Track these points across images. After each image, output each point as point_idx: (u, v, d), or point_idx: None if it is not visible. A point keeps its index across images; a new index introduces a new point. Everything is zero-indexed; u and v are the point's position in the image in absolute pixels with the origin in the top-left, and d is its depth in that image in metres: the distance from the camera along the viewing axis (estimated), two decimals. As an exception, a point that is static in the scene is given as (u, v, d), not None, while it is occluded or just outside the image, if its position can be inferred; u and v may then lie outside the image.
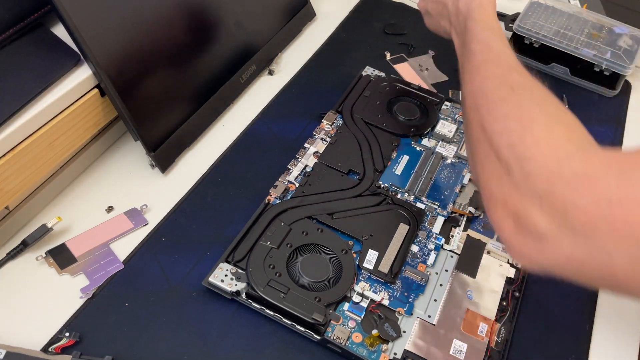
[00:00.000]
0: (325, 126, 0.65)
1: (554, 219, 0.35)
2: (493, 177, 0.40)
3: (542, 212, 0.36)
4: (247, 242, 0.52)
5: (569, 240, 0.35)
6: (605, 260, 0.34)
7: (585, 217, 0.34)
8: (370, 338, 0.48)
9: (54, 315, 0.48)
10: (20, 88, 0.49)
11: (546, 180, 0.36)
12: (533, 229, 0.36)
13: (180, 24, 0.61)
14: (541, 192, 0.36)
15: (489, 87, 0.45)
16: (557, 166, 0.36)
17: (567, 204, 0.34)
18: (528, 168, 0.37)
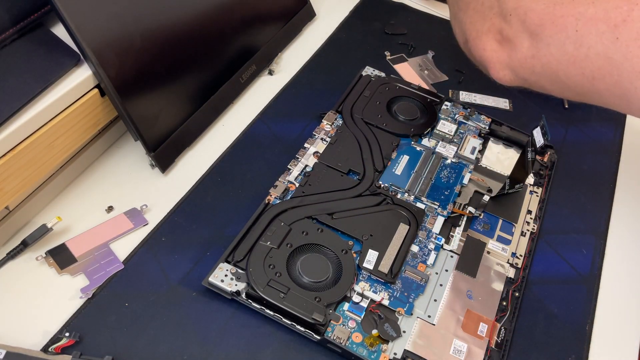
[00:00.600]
0: (325, 126, 0.65)
1: (519, 26, 0.47)
2: (479, 18, 0.51)
3: (511, 24, 0.48)
4: (247, 242, 0.52)
5: (527, 42, 0.47)
6: (547, 54, 0.46)
7: (537, 18, 0.46)
8: (370, 338, 0.48)
9: (54, 315, 0.48)
10: (20, 88, 0.49)
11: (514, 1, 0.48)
12: (506, 38, 0.48)
13: (180, 23, 0.61)
14: (511, 9, 0.48)
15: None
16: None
17: (526, 11, 0.47)
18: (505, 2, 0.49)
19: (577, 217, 0.61)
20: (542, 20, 0.46)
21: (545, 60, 0.47)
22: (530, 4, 0.47)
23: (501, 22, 0.49)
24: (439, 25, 0.85)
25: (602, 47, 0.43)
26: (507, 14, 0.48)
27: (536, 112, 0.72)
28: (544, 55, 0.46)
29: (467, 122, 0.68)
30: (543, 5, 0.46)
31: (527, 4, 0.47)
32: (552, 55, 0.46)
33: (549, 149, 0.66)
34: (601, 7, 0.43)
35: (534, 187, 0.63)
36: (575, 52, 0.45)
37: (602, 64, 0.44)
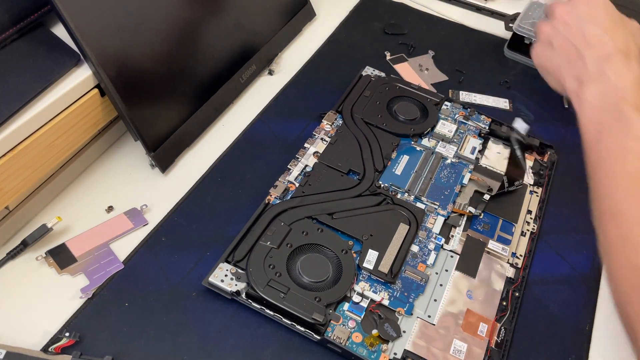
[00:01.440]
0: (325, 126, 0.65)
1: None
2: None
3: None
4: (247, 242, 0.52)
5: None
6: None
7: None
8: (370, 338, 0.48)
9: (54, 315, 0.48)
10: (20, 88, 0.49)
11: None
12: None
13: (180, 23, 0.61)
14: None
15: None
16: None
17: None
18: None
19: (577, 217, 0.61)
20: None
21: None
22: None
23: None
24: (439, 25, 0.85)
25: None
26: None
27: (536, 112, 0.72)
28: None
29: (467, 122, 0.68)
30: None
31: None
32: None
33: (549, 149, 0.66)
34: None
35: (534, 187, 0.63)
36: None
37: None
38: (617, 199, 0.39)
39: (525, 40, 0.77)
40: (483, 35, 0.84)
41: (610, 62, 0.46)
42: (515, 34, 0.78)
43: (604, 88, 0.45)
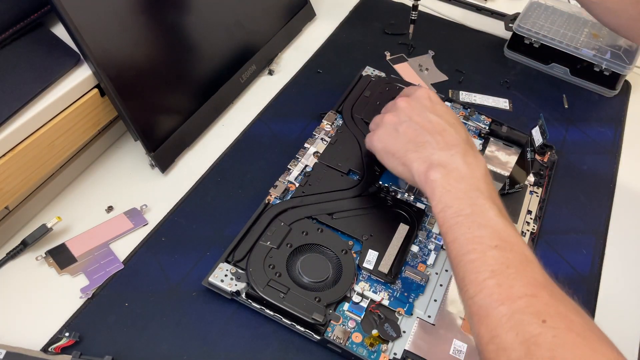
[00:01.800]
0: (325, 126, 0.65)
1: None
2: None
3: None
4: (247, 242, 0.52)
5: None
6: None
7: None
8: (370, 338, 0.48)
9: (54, 315, 0.48)
10: (20, 88, 0.49)
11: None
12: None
13: (180, 23, 0.61)
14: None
15: (518, 317, 0.37)
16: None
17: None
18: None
19: (577, 217, 0.61)
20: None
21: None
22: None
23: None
24: (439, 25, 0.85)
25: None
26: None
27: (536, 112, 0.72)
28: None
29: (467, 122, 0.68)
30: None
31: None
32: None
33: (549, 149, 0.66)
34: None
35: (534, 187, 0.63)
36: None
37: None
38: (483, 297, 0.39)
39: (525, 40, 0.77)
40: (483, 35, 0.84)
41: (458, 149, 0.48)
42: (515, 34, 0.78)
43: (455, 175, 0.46)
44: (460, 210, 0.44)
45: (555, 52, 0.76)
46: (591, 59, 0.74)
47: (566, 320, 0.37)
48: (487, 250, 0.41)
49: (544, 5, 0.81)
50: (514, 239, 0.42)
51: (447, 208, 0.45)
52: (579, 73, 0.76)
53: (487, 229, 0.42)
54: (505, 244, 0.41)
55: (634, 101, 0.77)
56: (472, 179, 0.45)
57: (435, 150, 0.48)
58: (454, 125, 0.51)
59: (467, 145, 0.49)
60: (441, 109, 0.53)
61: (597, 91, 0.77)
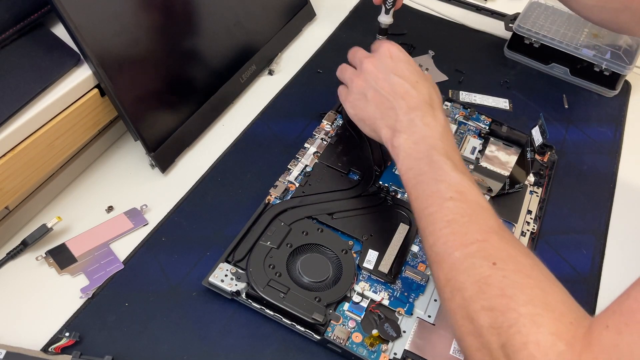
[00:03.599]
0: (325, 126, 0.65)
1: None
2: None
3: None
4: (247, 242, 0.52)
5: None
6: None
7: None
8: (370, 338, 0.48)
9: (54, 315, 0.48)
10: (20, 88, 0.49)
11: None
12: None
13: (180, 23, 0.61)
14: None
15: (470, 261, 0.40)
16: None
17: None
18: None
19: (577, 217, 0.61)
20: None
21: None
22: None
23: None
24: (439, 25, 0.85)
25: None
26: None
27: (536, 112, 0.72)
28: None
29: (467, 122, 0.68)
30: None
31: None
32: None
33: (549, 149, 0.66)
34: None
35: (534, 187, 0.63)
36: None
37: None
38: (440, 245, 0.43)
39: (525, 40, 0.77)
40: (483, 35, 0.84)
41: (418, 112, 0.50)
42: (515, 34, 0.78)
43: (415, 137, 0.49)
44: (420, 170, 0.47)
45: (555, 52, 0.76)
46: (591, 59, 0.74)
47: (515, 263, 0.40)
48: (443, 203, 0.44)
49: (544, 5, 0.81)
50: (467, 189, 0.45)
51: (409, 170, 0.48)
52: (579, 73, 0.76)
53: (443, 183, 0.45)
54: (459, 195, 0.44)
55: (634, 101, 0.77)
56: (430, 139, 0.48)
57: (399, 115, 0.51)
58: (416, 84, 0.53)
59: (427, 106, 0.51)
60: (402, 66, 0.54)
61: (597, 91, 0.77)
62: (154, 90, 0.58)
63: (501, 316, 0.37)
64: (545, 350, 0.35)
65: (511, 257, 0.40)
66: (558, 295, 0.39)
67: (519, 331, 0.36)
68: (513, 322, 0.37)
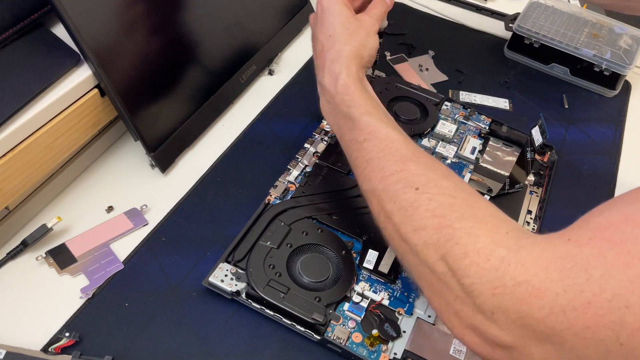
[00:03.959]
0: (325, 126, 0.65)
1: (515, 331, 0.34)
2: (434, 290, 0.39)
3: (501, 326, 0.35)
4: (247, 242, 0.52)
5: (538, 348, 0.34)
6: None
7: (545, 326, 0.33)
8: (370, 338, 0.48)
9: (54, 315, 0.48)
10: (20, 88, 0.49)
11: (491, 295, 0.35)
12: (498, 341, 0.35)
13: (180, 23, 0.61)
14: (491, 307, 0.35)
15: (393, 190, 0.42)
16: (497, 277, 0.35)
17: (522, 316, 0.34)
18: (467, 283, 0.36)
19: (577, 217, 0.61)
20: (557, 332, 0.33)
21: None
22: (524, 308, 0.34)
23: (474, 315, 0.36)
24: (439, 25, 0.85)
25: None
26: (483, 310, 0.35)
27: (536, 112, 0.72)
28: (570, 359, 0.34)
29: (467, 122, 0.68)
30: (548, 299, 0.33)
31: (517, 306, 0.34)
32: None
33: (549, 149, 0.66)
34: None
35: (534, 187, 0.63)
36: None
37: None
38: (366, 183, 0.45)
39: (525, 40, 0.77)
40: (483, 35, 0.84)
41: (323, 71, 0.51)
42: (515, 34, 0.78)
43: (327, 97, 0.51)
44: (337, 125, 0.50)
45: (555, 52, 0.76)
46: (591, 59, 0.74)
47: (437, 186, 0.41)
48: (360, 146, 0.47)
49: (544, 5, 0.81)
50: (376, 128, 0.46)
51: (332, 127, 0.51)
52: (579, 73, 0.76)
53: (356, 130, 0.47)
54: (371, 135, 0.46)
55: (634, 101, 0.77)
56: (336, 95, 0.50)
57: (318, 76, 0.53)
58: (331, 36, 0.52)
59: (330, 62, 0.51)
60: (324, 18, 0.53)
61: (597, 91, 0.77)
62: (154, 90, 0.58)
63: (435, 234, 0.38)
64: (486, 256, 0.36)
65: (432, 181, 0.41)
66: (487, 210, 0.40)
67: (457, 243, 0.37)
68: (449, 237, 0.38)
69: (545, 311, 0.33)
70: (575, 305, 0.32)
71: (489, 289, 0.35)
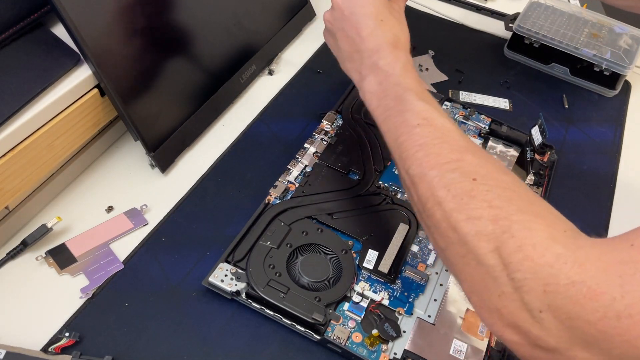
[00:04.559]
0: (325, 126, 0.65)
1: (562, 332, 0.33)
2: (478, 284, 0.37)
3: (547, 326, 0.34)
4: (247, 242, 0.52)
5: (583, 352, 0.33)
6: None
7: (595, 330, 0.32)
8: (370, 338, 0.48)
9: (54, 315, 0.48)
10: (20, 88, 0.49)
11: (542, 292, 0.34)
12: (541, 342, 0.34)
13: (180, 23, 0.61)
14: (539, 305, 0.34)
15: (448, 177, 0.40)
16: (551, 274, 0.34)
17: (572, 317, 0.32)
18: (518, 277, 0.35)
19: (577, 217, 0.61)
20: (608, 337, 0.32)
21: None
22: (576, 309, 0.32)
23: (520, 313, 0.35)
24: (439, 25, 0.85)
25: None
26: (531, 307, 0.34)
27: (536, 111, 0.72)
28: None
29: (467, 122, 0.68)
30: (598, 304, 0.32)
31: (568, 307, 0.33)
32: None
33: (549, 149, 0.66)
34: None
35: (534, 187, 0.63)
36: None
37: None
38: (415, 167, 0.43)
39: (525, 40, 0.77)
40: (483, 35, 0.84)
41: (380, 54, 0.51)
42: (515, 34, 0.78)
43: (379, 78, 0.50)
44: (386, 106, 0.48)
45: (555, 52, 0.76)
46: (591, 59, 0.74)
47: (496, 179, 0.40)
48: (412, 130, 0.45)
49: (544, 5, 0.81)
50: (433, 115, 0.45)
51: (377, 108, 0.49)
52: (579, 73, 0.76)
53: (409, 112, 0.46)
54: (426, 121, 0.45)
55: (634, 101, 0.77)
56: (392, 77, 0.49)
57: (363, 59, 0.52)
58: (381, 23, 0.52)
59: (390, 47, 0.51)
60: (370, 2, 0.52)
61: (597, 91, 0.77)
62: (154, 90, 0.58)
63: (491, 224, 0.37)
64: (542, 251, 0.34)
65: (490, 173, 0.40)
66: (545, 207, 0.39)
67: (512, 236, 0.35)
68: (506, 229, 0.36)
69: (599, 314, 0.31)
70: (632, 312, 0.31)
71: (541, 286, 0.34)
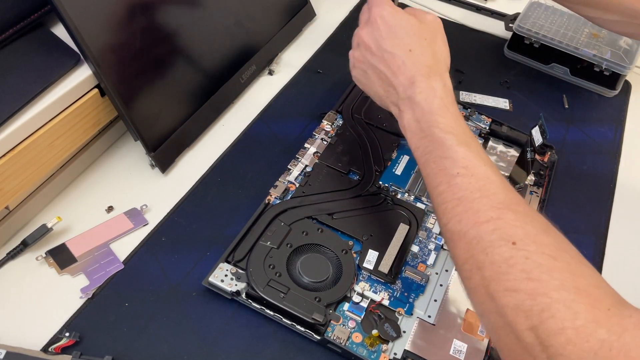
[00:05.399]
0: (325, 126, 0.65)
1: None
2: (517, 358, 0.36)
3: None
4: (247, 242, 0.52)
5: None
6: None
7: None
8: (370, 338, 0.48)
9: (54, 315, 0.48)
10: (20, 88, 0.49)
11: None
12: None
13: (180, 23, 0.61)
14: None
15: (487, 239, 0.38)
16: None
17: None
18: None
19: (577, 217, 0.61)
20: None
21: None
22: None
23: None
24: (439, 25, 0.85)
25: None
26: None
27: (536, 112, 0.72)
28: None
29: (467, 122, 0.68)
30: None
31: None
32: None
33: (549, 149, 0.66)
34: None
35: (534, 187, 0.63)
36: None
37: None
38: (454, 224, 0.41)
39: (525, 40, 0.77)
40: (483, 35, 0.84)
41: (415, 87, 0.48)
42: (515, 34, 0.78)
43: (417, 114, 0.47)
44: (425, 149, 0.46)
45: (555, 52, 0.76)
46: (591, 59, 0.74)
47: (536, 243, 0.37)
48: (451, 180, 0.42)
49: (544, 5, 0.81)
50: (473, 163, 0.43)
51: (417, 149, 0.47)
52: (579, 73, 0.76)
53: (448, 160, 0.43)
54: (465, 170, 0.42)
55: (634, 101, 0.77)
56: (429, 115, 0.46)
57: (399, 93, 0.49)
58: (409, 54, 0.49)
59: (423, 77, 0.48)
60: (394, 33, 0.50)
61: (597, 91, 0.77)
62: (154, 90, 0.58)
63: (529, 300, 0.35)
64: (585, 336, 0.32)
65: (531, 236, 0.38)
66: (589, 278, 0.36)
67: (552, 316, 0.34)
68: (545, 307, 0.34)
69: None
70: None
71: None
